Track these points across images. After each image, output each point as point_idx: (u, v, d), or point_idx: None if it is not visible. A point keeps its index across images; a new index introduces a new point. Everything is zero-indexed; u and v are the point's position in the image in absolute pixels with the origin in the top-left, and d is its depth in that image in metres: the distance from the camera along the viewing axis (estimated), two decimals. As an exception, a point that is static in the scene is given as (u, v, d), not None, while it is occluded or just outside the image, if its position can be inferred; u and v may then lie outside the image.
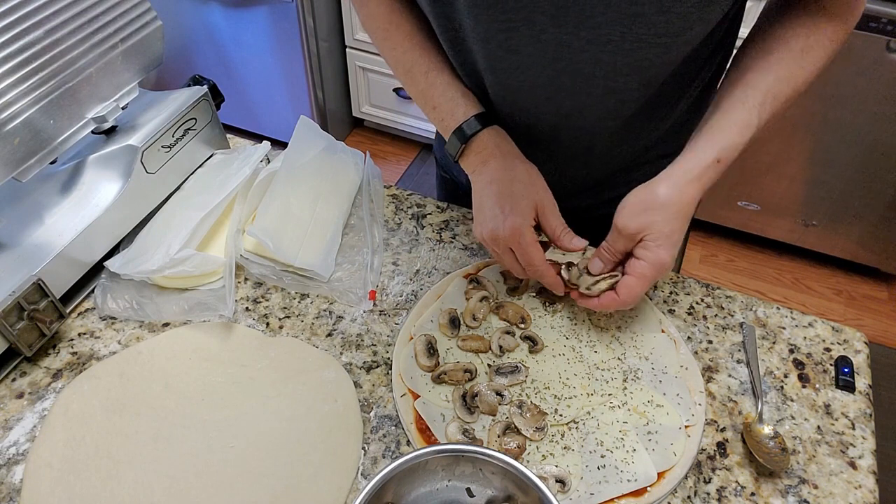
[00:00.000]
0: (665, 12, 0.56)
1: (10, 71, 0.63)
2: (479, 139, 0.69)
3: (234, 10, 2.05)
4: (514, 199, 0.65)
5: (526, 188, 0.66)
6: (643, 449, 0.61)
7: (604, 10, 0.57)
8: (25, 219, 0.71)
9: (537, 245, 0.65)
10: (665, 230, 0.60)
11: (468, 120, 0.69)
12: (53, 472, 0.58)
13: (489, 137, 0.69)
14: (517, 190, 0.66)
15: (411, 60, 0.72)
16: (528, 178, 0.67)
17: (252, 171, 0.81)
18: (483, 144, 0.69)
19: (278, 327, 0.72)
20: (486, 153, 0.69)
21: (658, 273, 0.62)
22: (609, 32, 0.59)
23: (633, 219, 0.62)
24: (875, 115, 1.66)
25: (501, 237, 0.65)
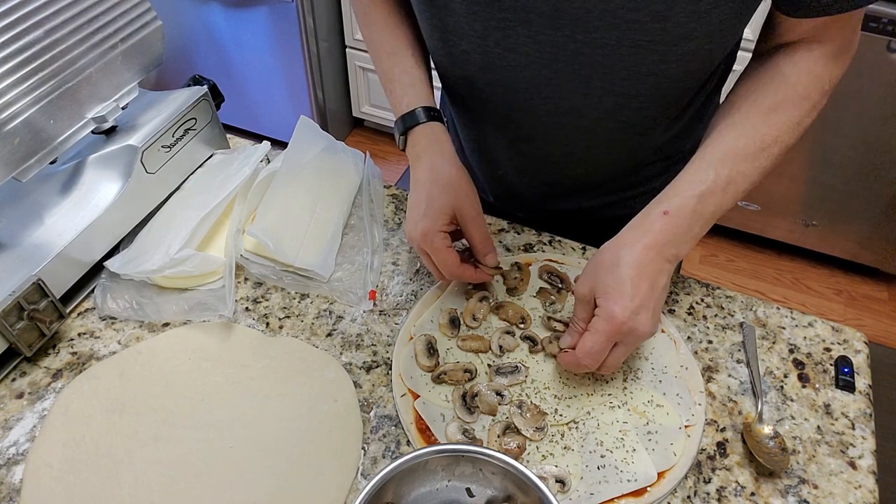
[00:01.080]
0: (661, 20, 0.56)
1: (10, 71, 0.63)
2: (415, 132, 0.69)
3: (234, 10, 2.05)
4: (429, 202, 0.65)
5: (444, 192, 0.66)
6: (643, 449, 0.61)
7: (600, 15, 0.57)
8: (25, 219, 0.71)
9: (448, 250, 0.65)
10: (612, 284, 0.58)
11: (412, 111, 0.69)
12: (53, 472, 0.58)
13: (423, 133, 0.69)
14: (435, 193, 0.66)
15: (380, 40, 0.74)
16: (449, 181, 0.66)
17: (252, 171, 0.81)
18: (417, 139, 0.69)
19: (278, 327, 0.72)
20: (419, 148, 0.69)
21: (611, 327, 0.57)
22: (605, 37, 0.59)
23: (584, 282, 0.61)
24: (875, 115, 1.66)
25: (414, 240, 0.66)
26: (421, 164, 0.68)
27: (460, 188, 0.67)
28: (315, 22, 2.05)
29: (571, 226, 0.84)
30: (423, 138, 0.69)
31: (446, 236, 0.66)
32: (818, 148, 1.79)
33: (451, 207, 0.66)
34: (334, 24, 2.17)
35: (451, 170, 0.67)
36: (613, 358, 0.59)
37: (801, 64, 0.62)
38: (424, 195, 0.66)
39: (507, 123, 0.75)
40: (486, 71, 0.68)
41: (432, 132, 0.69)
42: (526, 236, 0.82)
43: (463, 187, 0.67)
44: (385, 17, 0.73)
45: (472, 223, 0.67)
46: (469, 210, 0.66)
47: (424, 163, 0.68)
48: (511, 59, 0.65)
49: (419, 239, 0.65)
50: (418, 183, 0.67)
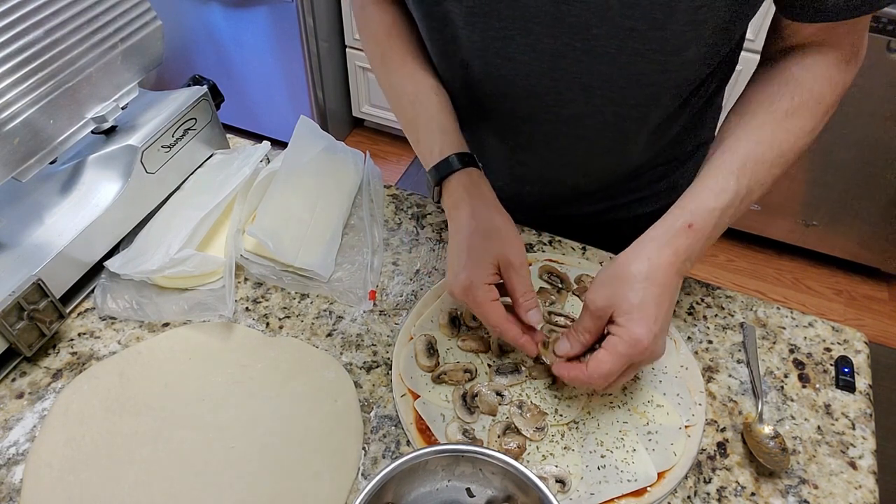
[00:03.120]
0: (659, 29, 0.56)
1: (10, 71, 0.63)
2: (450, 182, 0.65)
3: (234, 10, 2.05)
4: (471, 251, 0.61)
5: (487, 241, 0.61)
6: (643, 449, 0.61)
7: (599, 23, 0.57)
8: (25, 219, 0.71)
9: (492, 304, 0.60)
10: (635, 301, 0.55)
11: (444, 160, 0.65)
12: (53, 472, 0.58)
13: (460, 181, 0.65)
14: (476, 242, 0.61)
15: (400, 86, 0.71)
16: (491, 230, 0.62)
17: (252, 171, 0.81)
18: (454, 188, 0.65)
19: (278, 327, 0.72)
20: (455, 197, 0.65)
21: (634, 351, 0.54)
22: (605, 45, 0.59)
23: (600, 292, 0.57)
24: (875, 115, 1.66)
25: (455, 294, 0.61)
26: (460, 212, 0.63)
27: (504, 235, 0.62)
28: (315, 22, 2.05)
29: (572, 229, 0.84)
30: (460, 186, 0.65)
31: (491, 288, 0.60)
32: (818, 148, 1.79)
33: (495, 257, 0.61)
34: (334, 24, 2.17)
35: (494, 216, 0.63)
36: (624, 378, 0.57)
37: (815, 68, 0.61)
38: (465, 244, 0.61)
39: (508, 132, 0.74)
40: (485, 81, 0.68)
41: (470, 179, 0.65)
42: (526, 236, 0.82)
43: (508, 234, 0.62)
44: (402, 61, 0.70)
45: (515, 273, 0.61)
46: (513, 258, 0.61)
47: (464, 210, 0.63)
48: (510, 68, 0.64)
49: (460, 292, 0.60)
50: (459, 232, 0.63)
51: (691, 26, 0.56)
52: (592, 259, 0.80)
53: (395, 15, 0.72)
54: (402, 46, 0.71)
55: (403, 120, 0.71)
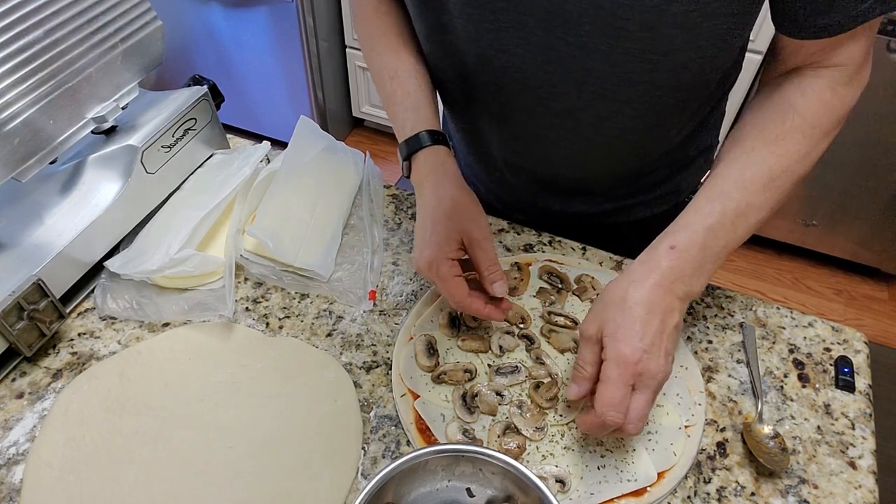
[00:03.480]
0: (649, 29, 0.56)
1: (10, 71, 0.63)
2: (419, 157, 0.67)
3: (234, 10, 2.05)
4: (434, 227, 0.62)
5: (450, 216, 0.62)
6: (643, 449, 0.61)
7: (591, 20, 0.57)
8: (25, 219, 0.71)
9: (456, 279, 0.61)
10: (618, 321, 0.54)
11: (414, 136, 0.67)
12: (53, 472, 0.58)
13: (427, 157, 0.66)
14: (439, 217, 0.62)
15: (382, 63, 0.72)
16: (454, 207, 0.63)
17: (252, 171, 0.81)
18: (421, 164, 0.67)
19: (278, 327, 0.72)
20: (422, 173, 0.66)
21: (623, 370, 0.52)
22: (596, 42, 0.59)
23: (590, 322, 0.56)
24: (875, 115, 1.66)
25: (420, 270, 0.62)
26: (425, 188, 0.65)
27: (466, 211, 0.63)
28: (315, 22, 2.05)
29: (573, 230, 0.84)
30: (427, 162, 0.66)
31: (454, 264, 0.62)
32: (818, 148, 1.79)
33: (458, 232, 0.62)
34: (334, 24, 2.17)
35: (455, 192, 0.64)
36: (637, 406, 0.53)
37: (810, 92, 0.60)
38: (430, 220, 0.63)
39: (502, 122, 0.75)
40: (479, 71, 0.68)
41: (436, 156, 0.67)
42: (526, 236, 0.82)
43: (469, 210, 0.64)
44: (388, 42, 0.72)
45: (478, 248, 0.62)
46: (476, 233, 0.62)
47: (428, 187, 0.65)
48: (504, 60, 0.64)
49: (424, 267, 0.62)
50: (424, 208, 0.64)
51: (682, 29, 0.56)
52: (592, 259, 0.80)
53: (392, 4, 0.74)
54: (389, 26, 0.73)
55: (382, 95, 0.73)
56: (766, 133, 0.60)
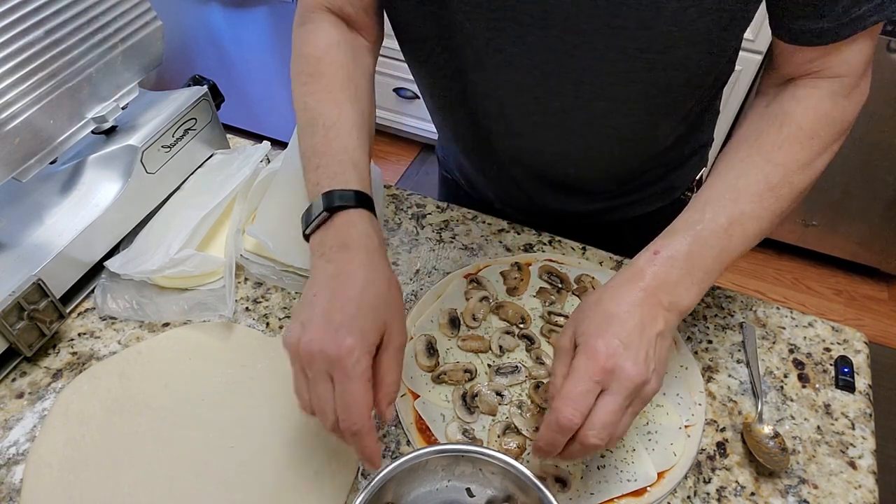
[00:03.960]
0: (646, 28, 0.56)
1: (10, 71, 0.63)
2: (347, 216, 0.55)
3: (234, 10, 2.05)
4: (358, 309, 0.49)
5: (377, 306, 0.50)
6: (643, 449, 0.61)
7: (588, 19, 0.57)
8: (25, 219, 0.71)
9: (366, 385, 0.48)
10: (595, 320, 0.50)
11: (346, 190, 0.55)
12: (53, 472, 0.58)
13: (360, 220, 0.55)
14: (367, 299, 0.50)
15: (318, 111, 0.61)
16: (388, 291, 0.52)
17: (252, 171, 0.81)
18: (350, 224, 0.54)
19: (278, 327, 0.72)
20: (347, 236, 0.54)
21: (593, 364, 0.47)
22: (593, 40, 0.59)
23: (566, 331, 0.52)
24: (875, 115, 1.66)
25: (322, 354, 0.47)
26: (350, 255, 0.52)
27: (396, 306, 0.53)
28: (315, 22, 2.05)
29: (572, 229, 0.84)
30: (359, 226, 0.54)
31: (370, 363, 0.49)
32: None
33: (383, 324, 0.50)
34: (334, 24, 2.17)
35: (390, 278, 0.54)
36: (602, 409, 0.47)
37: (807, 101, 0.58)
38: (354, 297, 0.50)
39: (498, 120, 0.75)
40: (475, 70, 0.68)
41: (372, 226, 0.55)
42: (526, 236, 0.82)
43: (399, 306, 0.53)
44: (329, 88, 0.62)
45: (395, 355, 0.51)
46: (397, 337, 0.52)
47: (357, 257, 0.52)
48: (500, 59, 0.64)
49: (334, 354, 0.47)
50: (342, 277, 0.51)
51: (678, 27, 0.56)
52: (592, 259, 0.80)
53: (337, 37, 0.65)
54: (335, 73, 0.63)
55: (309, 143, 0.61)
56: (761, 141, 0.58)
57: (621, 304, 0.51)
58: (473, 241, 0.81)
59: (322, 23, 0.66)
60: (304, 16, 0.68)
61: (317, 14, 0.67)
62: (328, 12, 0.67)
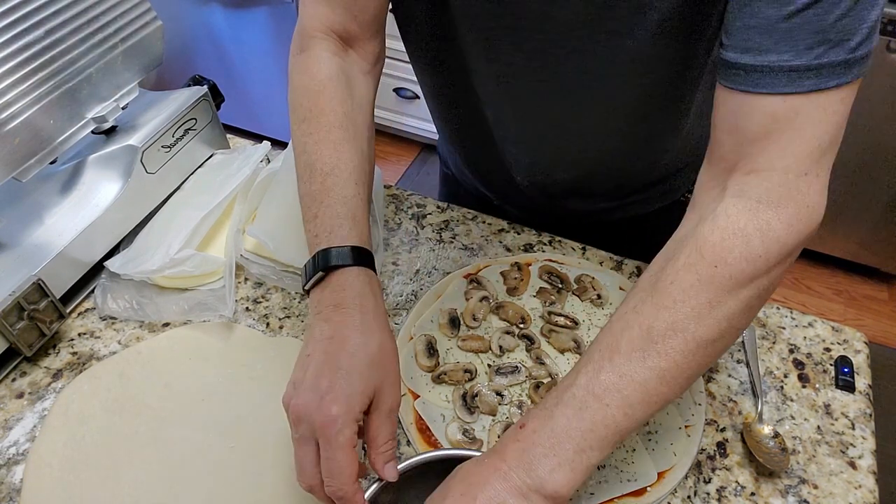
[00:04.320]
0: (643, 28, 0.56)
1: (10, 71, 0.63)
2: (343, 275, 0.53)
3: (234, 10, 2.05)
4: (347, 375, 0.48)
5: (372, 367, 0.50)
6: (643, 449, 0.61)
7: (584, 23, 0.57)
8: (25, 219, 0.71)
9: (352, 452, 0.47)
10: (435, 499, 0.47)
11: (342, 247, 0.54)
12: (53, 472, 0.58)
13: (357, 279, 0.53)
14: (356, 365, 0.49)
15: (317, 155, 0.59)
16: (381, 353, 0.51)
17: (252, 171, 0.81)
18: (346, 284, 0.53)
19: (278, 327, 0.72)
20: (342, 296, 0.53)
21: None
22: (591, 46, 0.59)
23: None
24: (875, 115, 1.66)
25: (307, 419, 0.48)
26: (343, 317, 0.51)
27: (388, 366, 0.52)
28: (315, 22, 2.05)
29: (572, 229, 0.84)
30: (355, 285, 0.53)
31: (356, 431, 0.48)
32: (818, 148, 1.79)
33: (373, 389, 0.49)
34: (334, 24, 2.17)
35: (385, 339, 0.52)
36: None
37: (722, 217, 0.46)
38: (343, 363, 0.49)
39: (499, 124, 0.75)
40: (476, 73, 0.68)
41: (369, 282, 0.54)
42: (526, 236, 0.82)
43: (393, 367, 0.52)
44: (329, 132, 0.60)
45: (386, 417, 0.50)
46: (388, 399, 0.50)
47: (350, 318, 0.51)
48: (498, 65, 0.64)
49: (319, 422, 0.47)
50: (334, 341, 0.50)
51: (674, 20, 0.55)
52: (592, 259, 0.80)
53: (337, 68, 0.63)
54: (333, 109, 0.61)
55: (307, 189, 0.59)
56: (660, 277, 0.47)
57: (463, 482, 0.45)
58: (473, 241, 0.81)
59: (322, 52, 0.63)
60: (303, 41, 0.64)
61: (316, 40, 0.63)
62: (328, 36, 0.64)
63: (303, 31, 0.64)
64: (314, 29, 0.64)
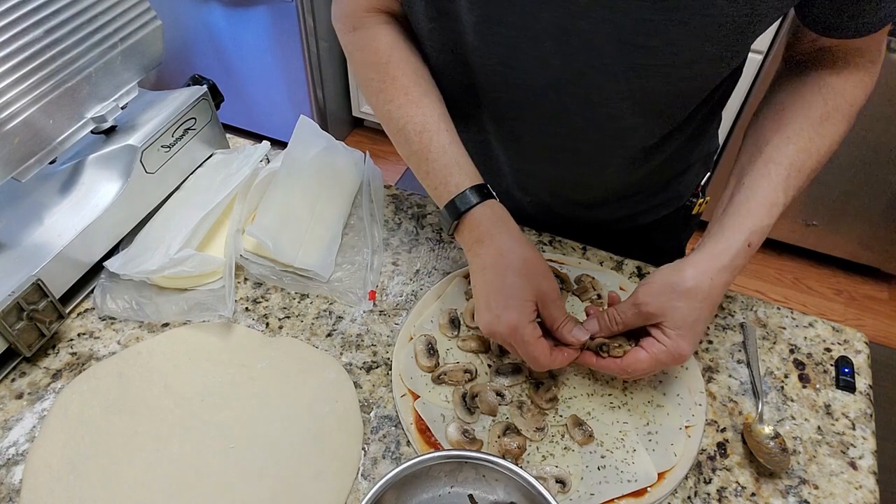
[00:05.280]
0: (671, 44, 0.56)
1: (10, 71, 0.63)
2: (471, 216, 0.62)
3: (234, 10, 2.05)
4: (508, 292, 0.58)
5: (522, 278, 0.59)
6: (643, 449, 0.61)
7: (608, 39, 0.57)
8: (25, 219, 0.71)
9: (539, 341, 0.58)
10: (689, 319, 0.56)
11: (461, 193, 0.62)
12: (53, 472, 0.58)
13: (483, 214, 0.62)
14: (511, 281, 0.58)
15: (405, 118, 0.65)
16: (524, 265, 0.59)
17: (252, 171, 0.81)
18: (476, 222, 0.62)
19: (278, 327, 0.72)
20: (478, 232, 0.62)
21: (673, 362, 0.57)
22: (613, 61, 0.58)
23: (655, 298, 0.57)
24: (875, 115, 1.66)
25: (498, 335, 0.59)
26: (485, 248, 0.61)
27: (538, 269, 0.60)
28: (315, 22, 2.05)
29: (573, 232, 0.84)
30: (483, 220, 0.61)
31: (536, 326, 0.58)
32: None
33: (534, 293, 0.58)
34: (334, 23, 2.16)
35: (525, 252, 0.60)
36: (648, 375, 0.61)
37: (844, 72, 0.61)
38: (501, 283, 0.59)
39: (510, 140, 0.74)
40: (490, 90, 0.67)
41: (493, 212, 0.62)
42: (525, 236, 0.82)
43: (540, 267, 0.60)
44: (406, 93, 0.66)
45: (553, 304, 0.60)
46: (549, 291, 0.59)
47: (490, 247, 0.60)
48: (515, 78, 0.64)
49: (506, 333, 0.58)
50: (487, 270, 0.60)
51: (701, 41, 0.55)
52: (592, 259, 0.79)
53: (394, 36, 0.68)
54: (404, 72, 0.66)
55: (407, 150, 0.67)
56: (811, 115, 0.61)
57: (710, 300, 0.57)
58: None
59: (376, 26, 0.68)
60: (352, 20, 0.69)
61: (368, 17, 0.68)
62: (377, 12, 0.68)
63: (352, 13, 0.69)
64: (362, 9, 0.68)
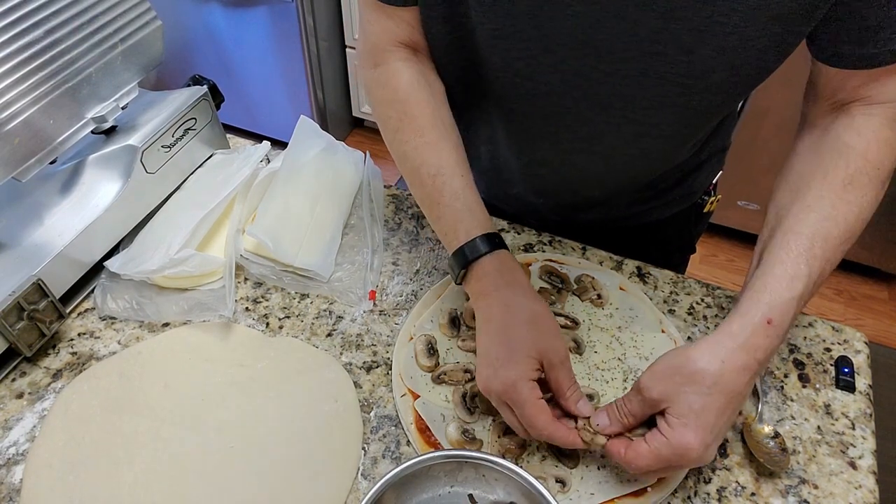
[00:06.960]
0: (687, 53, 0.55)
1: (10, 71, 0.63)
2: (480, 265, 0.60)
3: (234, 10, 2.05)
4: (511, 346, 0.55)
5: (527, 333, 0.56)
6: (643, 449, 0.61)
7: (625, 47, 0.56)
8: (25, 219, 0.71)
9: (539, 402, 0.54)
10: (694, 406, 0.50)
11: (471, 241, 0.61)
12: (53, 472, 0.58)
13: (491, 265, 0.60)
14: (516, 335, 0.56)
15: (420, 159, 0.64)
16: (531, 320, 0.57)
17: (252, 171, 0.81)
18: (484, 272, 0.60)
19: (278, 327, 0.72)
20: (486, 282, 0.60)
21: (678, 458, 0.50)
22: (629, 68, 0.58)
23: (658, 383, 0.52)
24: (875, 115, 1.66)
25: (493, 392, 0.55)
26: (493, 299, 0.59)
27: (545, 326, 0.57)
28: (315, 22, 2.05)
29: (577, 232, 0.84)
30: (491, 271, 0.60)
31: (535, 386, 0.54)
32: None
33: (538, 351, 0.55)
34: (334, 24, 2.17)
35: (532, 306, 0.58)
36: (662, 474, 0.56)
37: (867, 132, 0.56)
38: (504, 337, 0.56)
39: (524, 148, 0.74)
40: (505, 97, 0.67)
41: (501, 263, 0.60)
42: (526, 236, 0.82)
43: (548, 324, 0.57)
44: (421, 130, 0.65)
45: (560, 366, 0.56)
46: (556, 351, 0.56)
47: (497, 300, 0.58)
48: (531, 86, 0.64)
49: (500, 390, 0.54)
50: (491, 322, 0.58)
51: (721, 52, 0.54)
52: (592, 259, 0.80)
53: (415, 74, 0.66)
54: (423, 113, 0.65)
55: (420, 193, 0.66)
56: (830, 180, 0.56)
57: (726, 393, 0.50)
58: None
59: (397, 62, 0.66)
60: (374, 56, 0.67)
61: (389, 52, 0.67)
62: (399, 47, 0.67)
63: (373, 48, 0.67)
64: (384, 43, 0.66)
